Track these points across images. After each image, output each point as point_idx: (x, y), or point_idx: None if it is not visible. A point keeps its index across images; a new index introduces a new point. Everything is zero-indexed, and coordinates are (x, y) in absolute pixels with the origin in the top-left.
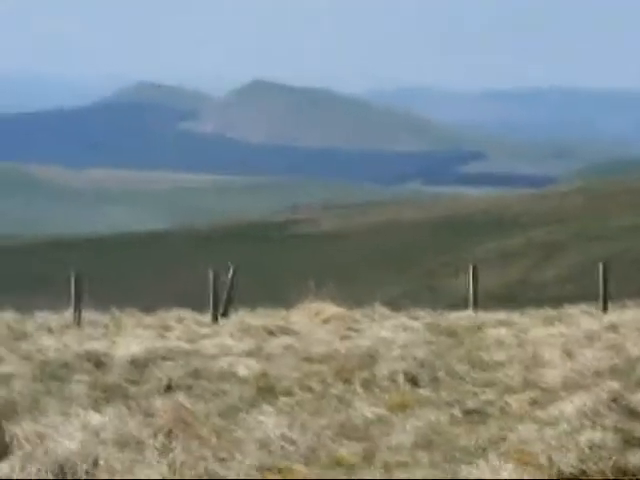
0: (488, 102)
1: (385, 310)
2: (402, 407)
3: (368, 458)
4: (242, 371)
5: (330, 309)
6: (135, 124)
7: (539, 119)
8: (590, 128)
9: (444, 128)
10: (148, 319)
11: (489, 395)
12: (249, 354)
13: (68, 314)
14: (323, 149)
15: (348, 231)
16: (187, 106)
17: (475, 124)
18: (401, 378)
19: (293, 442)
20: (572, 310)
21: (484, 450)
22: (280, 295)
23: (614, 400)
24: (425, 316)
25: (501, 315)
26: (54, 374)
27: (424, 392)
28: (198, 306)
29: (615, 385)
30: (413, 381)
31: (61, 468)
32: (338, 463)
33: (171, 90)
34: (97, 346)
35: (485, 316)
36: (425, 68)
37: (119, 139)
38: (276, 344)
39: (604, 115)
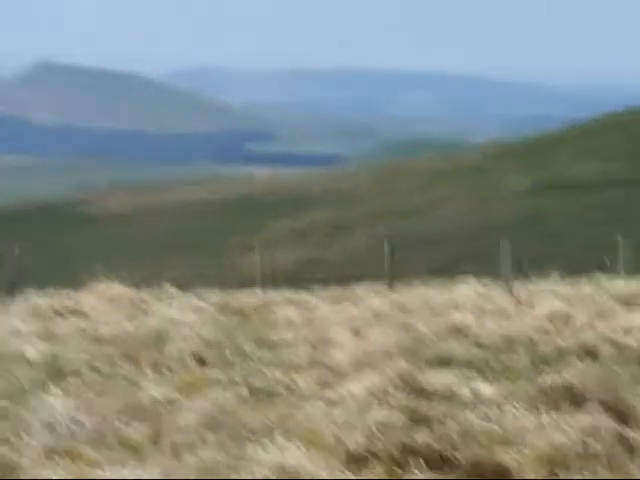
0: (285, 81)
1: (174, 291)
2: (190, 387)
3: (155, 439)
4: (30, 353)
5: (119, 290)
6: None
7: (337, 100)
8: (389, 108)
9: (235, 108)
10: None
11: (277, 374)
12: (37, 335)
13: None
14: (114, 131)
15: (137, 212)
16: None
17: (270, 103)
18: (189, 358)
19: (80, 424)
20: (360, 289)
21: (271, 430)
22: (69, 276)
23: (402, 379)
24: (214, 296)
25: (290, 294)
26: None
27: (212, 372)
28: None
29: (403, 364)
30: (201, 361)
31: None
32: (125, 444)
33: None
34: None
35: (274, 295)
36: (222, 47)
37: None
38: (65, 325)
39: (405, 94)
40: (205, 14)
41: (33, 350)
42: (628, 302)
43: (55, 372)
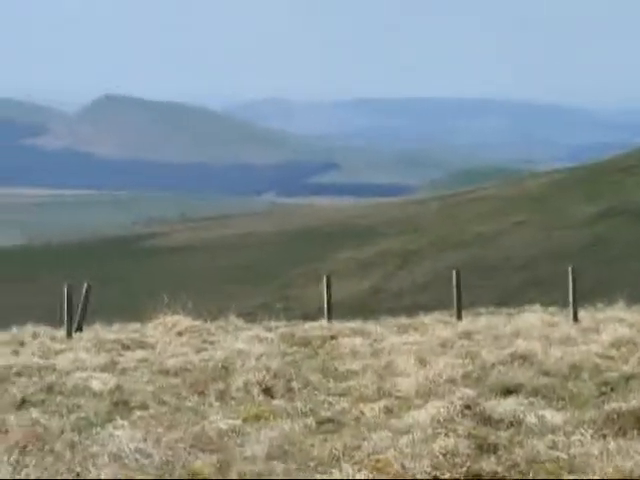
0: (348, 112)
1: (240, 322)
2: (256, 418)
3: (223, 469)
4: (96, 385)
5: (185, 322)
6: None
7: (399, 129)
8: (451, 136)
9: (299, 139)
10: (2, 335)
11: (343, 404)
12: (104, 368)
13: None
14: (178, 164)
15: (203, 244)
16: (36, 120)
17: (331, 134)
18: (255, 389)
19: (148, 455)
20: (427, 319)
21: (338, 459)
22: (135, 309)
23: (467, 407)
24: (280, 327)
25: (356, 324)
26: None
27: (278, 403)
28: (53, 322)
29: (468, 392)
30: (267, 392)
31: None
32: (193, 475)
33: (19, 105)
34: None
35: (340, 326)
36: (281, 78)
37: None
38: (131, 358)
39: (466, 122)
40: (269, 45)
41: (99, 383)
42: None
43: (121, 404)
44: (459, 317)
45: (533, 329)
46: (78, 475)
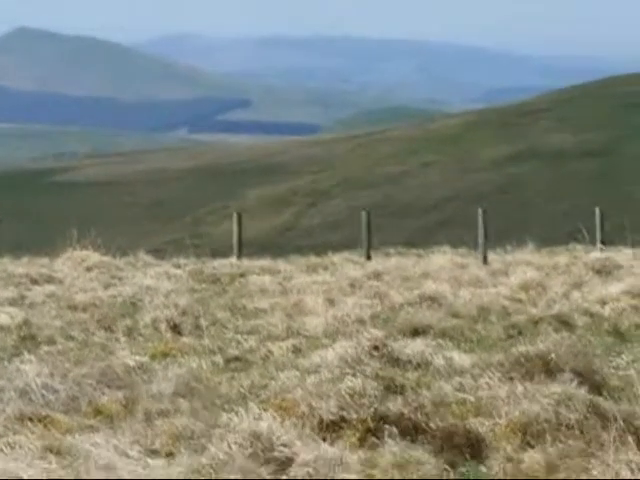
0: (265, 50)
1: (149, 259)
2: (164, 355)
3: (129, 406)
4: (4, 319)
5: (94, 257)
6: None
7: (316, 68)
8: (366, 77)
9: (212, 76)
10: None
11: (251, 343)
12: (11, 302)
13: None
14: (90, 98)
15: (113, 180)
16: None
17: (247, 72)
18: (163, 326)
19: (54, 390)
20: (336, 258)
21: (245, 398)
22: (44, 243)
23: (375, 348)
24: (189, 264)
25: (266, 263)
26: None
27: (186, 340)
28: None
29: (377, 333)
30: (175, 329)
31: None
32: (99, 411)
33: None
34: None
35: (250, 264)
36: (201, 14)
37: None
38: (39, 292)
39: (383, 64)
40: None
41: (7, 317)
42: (603, 272)
43: (29, 339)
44: (368, 257)
45: (442, 271)
46: None
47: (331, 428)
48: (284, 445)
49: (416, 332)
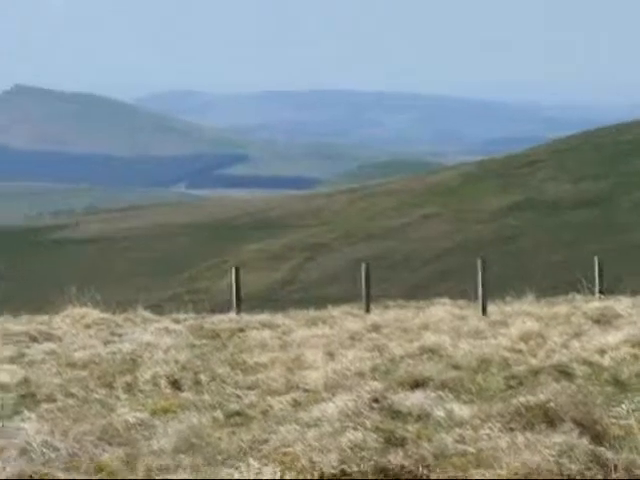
0: (262, 104)
1: (149, 314)
2: (164, 411)
3: (130, 463)
4: (3, 378)
5: (93, 314)
6: None
7: (311, 122)
8: (365, 130)
9: (209, 132)
10: None
11: (251, 397)
12: (11, 360)
13: None
14: (87, 155)
15: (111, 236)
16: None
17: (244, 127)
18: (163, 382)
19: (55, 448)
20: (335, 311)
21: (245, 453)
22: (43, 301)
23: (375, 400)
24: (188, 319)
25: (264, 317)
26: None
27: (186, 395)
28: None
29: (377, 385)
30: (175, 385)
31: None
32: (100, 469)
33: None
34: None
35: (249, 318)
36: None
37: None
38: (38, 350)
39: (377, 118)
40: (179, 38)
41: (7, 375)
42: (603, 322)
43: (29, 397)
44: (368, 310)
45: (442, 322)
46: None
47: None
48: None
49: (416, 384)
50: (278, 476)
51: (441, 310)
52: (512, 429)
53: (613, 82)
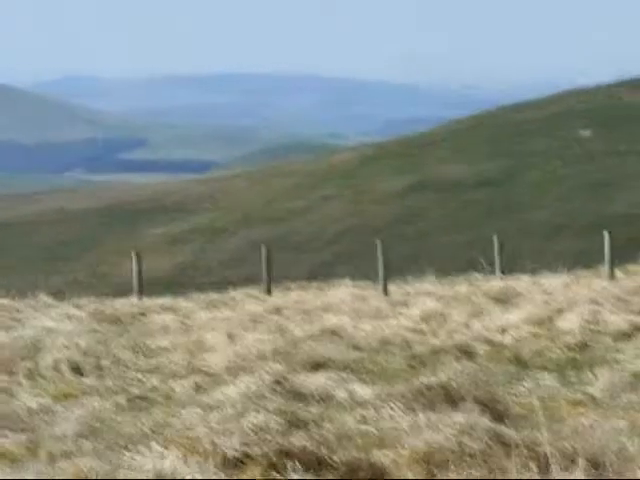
0: (161, 89)
1: (50, 300)
2: (66, 396)
3: (32, 449)
4: None
5: None
6: None
7: (212, 106)
8: (265, 112)
9: (108, 116)
10: None
11: (153, 381)
12: None
13: None
14: None
15: (11, 221)
16: None
17: (143, 111)
18: (65, 367)
19: None
20: (236, 294)
21: (148, 437)
22: None
23: (277, 382)
24: (90, 304)
25: (166, 301)
26: None
27: (88, 381)
28: None
29: (278, 367)
30: (77, 370)
31: None
32: (2, 454)
33: None
34: None
35: (150, 302)
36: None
37: None
38: None
39: (281, 100)
40: (74, 22)
41: None
42: (503, 301)
43: None
44: (269, 292)
45: (343, 303)
46: None
47: (235, 464)
48: None
49: (317, 366)
50: (179, 459)
51: (342, 291)
52: (414, 409)
53: (517, 62)
